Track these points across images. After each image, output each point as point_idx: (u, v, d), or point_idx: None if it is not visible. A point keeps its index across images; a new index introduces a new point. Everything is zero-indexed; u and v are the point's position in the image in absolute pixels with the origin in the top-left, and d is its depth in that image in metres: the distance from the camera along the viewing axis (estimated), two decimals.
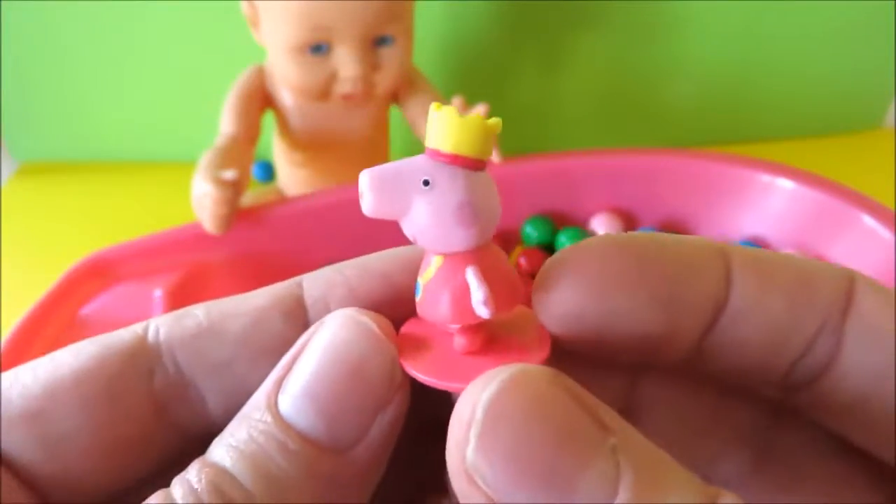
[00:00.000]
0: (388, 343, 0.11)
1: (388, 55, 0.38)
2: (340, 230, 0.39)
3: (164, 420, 0.12)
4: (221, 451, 0.10)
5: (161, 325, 0.12)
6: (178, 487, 0.10)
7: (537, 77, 0.54)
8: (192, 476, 0.10)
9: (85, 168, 0.58)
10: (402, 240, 0.37)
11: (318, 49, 0.37)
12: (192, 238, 0.36)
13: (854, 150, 0.54)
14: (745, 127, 0.56)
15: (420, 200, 0.11)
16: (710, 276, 0.10)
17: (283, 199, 0.40)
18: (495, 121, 0.10)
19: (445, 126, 0.10)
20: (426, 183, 0.11)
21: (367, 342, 0.11)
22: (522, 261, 0.38)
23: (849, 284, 0.11)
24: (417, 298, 0.11)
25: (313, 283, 0.12)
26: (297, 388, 0.10)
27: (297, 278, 0.13)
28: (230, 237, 0.35)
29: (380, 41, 0.38)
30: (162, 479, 0.11)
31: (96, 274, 0.35)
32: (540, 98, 0.55)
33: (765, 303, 0.10)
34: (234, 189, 0.34)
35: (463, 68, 0.53)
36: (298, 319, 0.12)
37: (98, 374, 0.11)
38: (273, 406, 0.10)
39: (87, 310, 0.33)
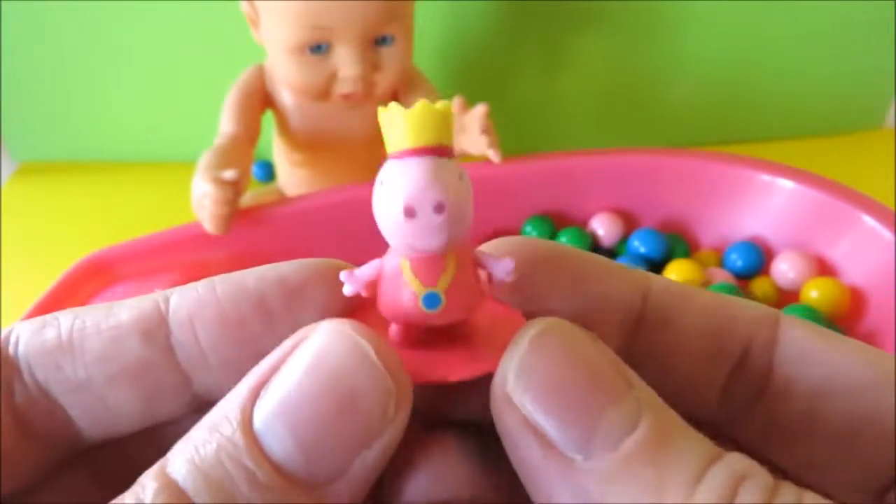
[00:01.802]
0: (385, 373, 0.09)
1: (388, 55, 0.38)
2: (340, 230, 0.39)
3: (29, 434, 0.11)
4: (184, 466, 0.09)
5: (21, 335, 0.11)
6: (131, 500, 0.09)
7: (537, 77, 0.54)
8: (148, 493, 0.09)
9: (84, 168, 0.58)
10: None
11: (318, 49, 0.37)
12: (192, 238, 0.36)
13: (854, 150, 0.54)
14: (746, 127, 0.56)
15: (375, 202, 0.10)
16: (626, 285, 0.11)
17: (283, 199, 0.40)
18: (445, 104, 0.10)
19: (388, 125, 0.10)
20: (381, 183, 0.10)
21: (363, 370, 0.09)
22: None
23: (773, 316, 0.12)
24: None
25: (181, 302, 0.11)
26: (275, 406, 0.09)
27: (167, 291, 0.11)
28: (230, 237, 0.35)
29: (380, 41, 0.38)
30: (38, 492, 0.11)
31: (96, 274, 0.35)
32: (540, 98, 0.55)
33: (680, 319, 0.11)
34: (234, 189, 0.34)
35: (463, 68, 0.53)
36: (159, 341, 0.11)
37: None
38: (247, 423, 0.09)
39: None
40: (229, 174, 0.33)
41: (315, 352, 0.10)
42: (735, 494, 0.08)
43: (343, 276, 0.11)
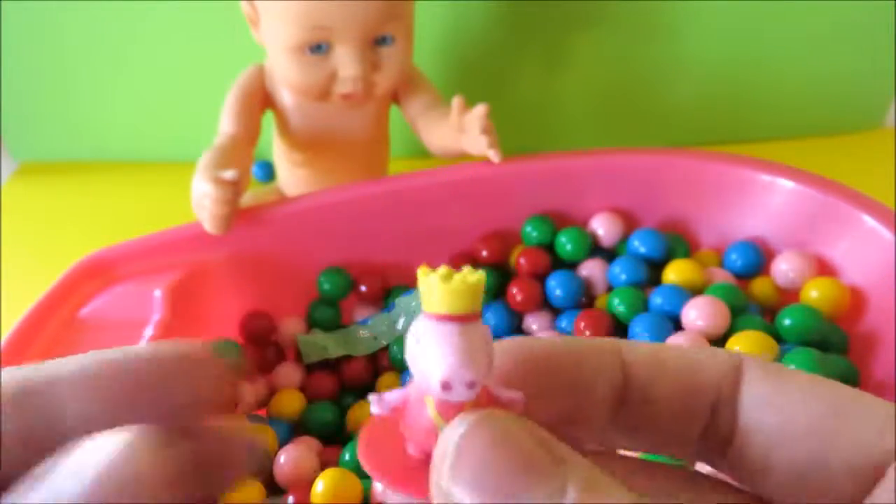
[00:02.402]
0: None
1: (388, 55, 0.38)
2: (340, 230, 0.39)
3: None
4: None
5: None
6: None
7: (537, 77, 0.54)
8: None
9: (84, 168, 0.58)
10: (400, 239, 0.37)
11: (318, 49, 0.37)
12: (192, 238, 0.36)
13: (854, 150, 0.54)
14: (746, 127, 0.56)
15: (410, 354, 0.12)
16: (605, 368, 0.13)
17: (283, 199, 0.40)
18: (478, 277, 0.12)
19: (426, 287, 0.12)
20: (417, 341, 0.12)
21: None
22: (522, 261, 0.38)
23: (737, 364, 0.12)
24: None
25: None
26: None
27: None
28: (230, 237, 0.35)
29: (380, 41, 0.38)
30: None
31: (96, 274, 0.35)
32: (540, 98, 0.55)
33: (656, 389, 0.12)
34: (234, 189, 0.34)
35: (463, 68, 0.53)
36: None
37: None
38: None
39: (87, 310, 0.33)
40: (229, 174, 0.33)
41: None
42: None
43: (372, 399, 0.12)
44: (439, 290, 0.11)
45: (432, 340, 0.11)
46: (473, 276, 0.11)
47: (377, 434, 0.13)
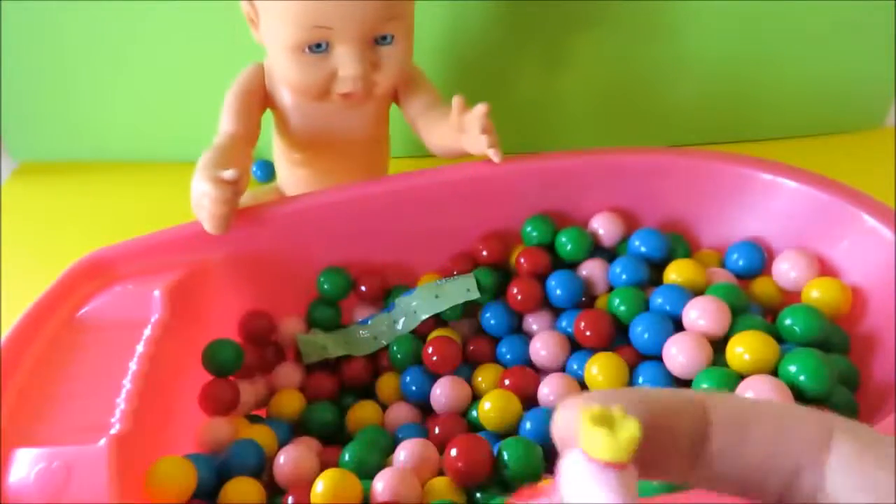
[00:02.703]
0: None
1: (388, 54, 0.38)
2: (340, 230, 0.39)
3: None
4: None
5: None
6: None
7: (537, 76, 0.54)
8: None
9: (84, 168, 0.58)
10: (400, 239, 0.37)
11: (318, 48, 0.37)
12: (192, 238, 0.36)
13: (855, 150, 0.54)
14: (746, 126, 0.56)
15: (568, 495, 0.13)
16: (690, 424, 0.13)
17: (282, 199, 0.40)
18: (633, 436, 0.12)
19: (589, 428, 0.12)
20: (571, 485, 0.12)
21: None
22: (522, 261, 0.38)
23: (828, 429, 0.12)
24: None
25: None
26: None
27: None
28: (230, 237, 0.35)
29: (380, 40, 0.38)
30: None
31: (95, 273, 0.35)
32: (540, 97, 0.55)
33: (742, 451, 0.13)
34: (234, 189, 0.34)
35: (463, 68, 0.53)
36: None
37: None
38: None
39: (86, 309, 0.33)
40: (229, 174, 0.33)
41: None
42: None
43: None
44: (605, 437, 0.12)
45: (593, 483, 0.12)
46: (632, 426, 0.12)
47: None
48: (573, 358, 0.35)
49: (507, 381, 0.35)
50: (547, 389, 0.34)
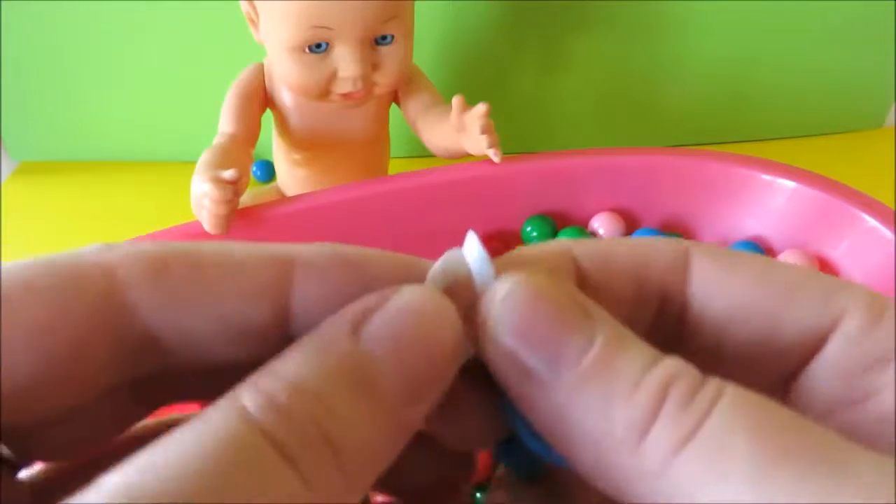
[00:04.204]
0: (456, 319, 0.12)
1: (389, 54, 0.38)
2: (340, 230, 0.39)
3: (121, 361, 0.11)
4: (306, 369, 0.10)
5: (134, 277, 0.11)
6: (252, 401, 0.10)
7: (537, 76, 0.54)
8: (277, 392, 0.10)
9: (84, 168, 0.58)
10: (400, 239, 0.37)
11: (318, 48, 0.37)
12: (192, 238, 0.36)
13: (855, 150, 0.54)
14: (746, 126, 0.56)
15: None
16: (564, 265, 0.13)
17: (283, 199, 0.40)
18: None
19: None
20: None
21: (446, 321, 0.11)
22: None
23: (684, 252, 0.13)
24: None
25: (306, 274, 0.12)
26: (378, 327, 0.11)
27: (288, 253, 0.12)
28: (230, 237, 0.35)
29: (380, 40, 0.38)
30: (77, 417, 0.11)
31: None
32: (540, 97, 0.55)
33: (606, 282, 0.13)
34: (234, 189, 0.34)
35: (463, 68, 0.53)
36: (280, 312, 0.12)
37: (53, 301, 0.11)
38: (358, 337, 0.11)
39: None
40: (229, 174, 0.33)
41: (412, 302, 0.11)
42: (665, 393, 0.10)
43: None
44: None
45: None
46: None
47: None
48: None
49: None
50: None
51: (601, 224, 0.39)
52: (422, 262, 0.14)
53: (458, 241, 0.15)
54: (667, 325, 0.13)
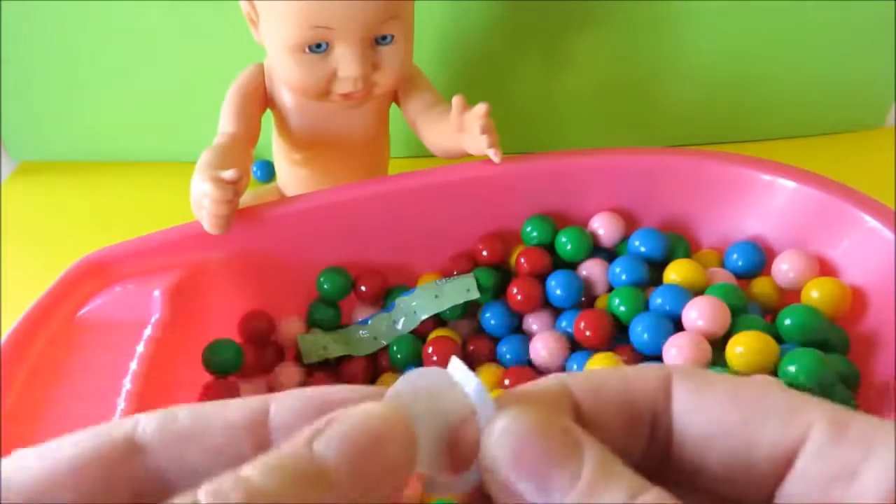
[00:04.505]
0: (405, 427, 0.13)
1: (389, 54, 0.38)
2: (340, 230, 0.39)
3: (138, 499, 0.13)
4: (254, 467, 0.12)
5: (148, 426, 0.13)
6: (203, 491, 0.11)
7: (537, 76, 0.54)
8: (224, 484, 0.11)
9: (83, 168, 0.58)
10: (400, 239, 0.36)
11: (318, 48, 0.37)
12: (192, 238, 0.36)
13: (855, 150, 0.54)
14: (746, 126, 0.56)
15: None
16: (561, 399, 0.14)
17: (283, 199, 0.40)
18: None
19: None
20: None
21: (389, 422, 0.13)
22: (522, 261, 0.38)
23: (666, 377, 0.14)
24: None
25: (279, 409, 0.14)
26: (330, 438, 0.12)
27: (268, 398, 0.14)
28: (229, 237, 0.35)
29: (380, 40, 0.38)
30: None
31: (95, 274, 0.35)
32: (540, 97, 0.55)
33: (598, 415, 0.14)
34: (234, 189, 0.34)
35: (463, 68, 0.53)
36: (262, 441, 0.13)
37: (94, 465, 0.13)
38: (309, 445, 0.12)
39: (86, 310, 0.33)
40: (229, 174, 0.33)
41: (363, 414, 0.13)
42: None
43: None
44: None
45: None
46: None
47: None
48: (573, 358, 0.35)
49: (507, 381, 0.35)
50: None
51: (601, 224, 0.39)
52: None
53: (459, 240, 0.16)
54: (658, 448, 0.14)
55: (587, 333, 0.35)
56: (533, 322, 0.38)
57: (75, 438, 0.13)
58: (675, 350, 0.32)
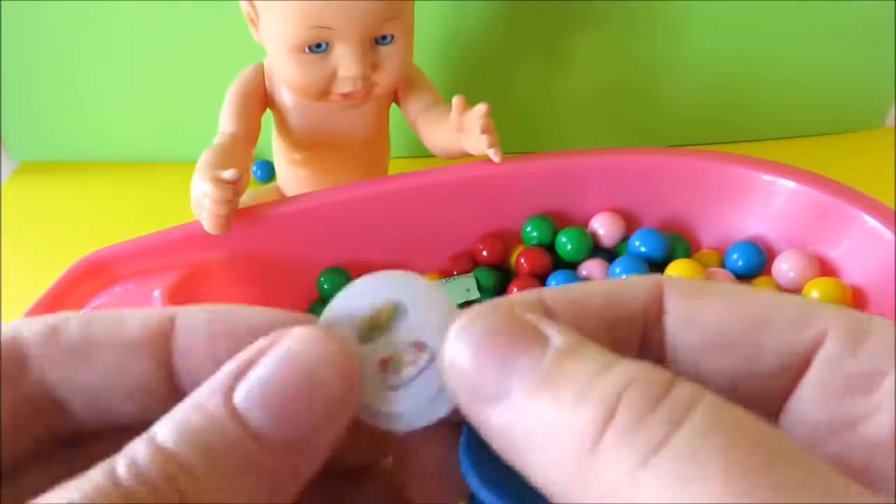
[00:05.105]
0: (344, 357, 0.12)
1: (389, 54, 0.38)
2: (340, 230, 0.39)
3: (31, 420, 0.12)
4: (173, 433, 0.11)
5: (33, 337, 0.12)
6: (122, 464, 0.10)
7: (537, 76, 0.54)
8: (140, 456, 0.10)
9: (83, 168, 0.58)
10: (400, 239, 0.37)
11: (318, 47, 0.37)
12: (192, 238, 0.36)
13: (855, 150, 0.54)
14: (746, 126, 0.56)
15: None
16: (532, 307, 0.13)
17: (283, 199, 0.40)
18: None
19: None
20: None
21: (329, 367, 0.12)
22: (522, 261, 0.38)
23: (658, 288, 0.13)
24: None
25: (183, 325, 0.13)
26: (252, 387, 0.11)
27: (171, 310, 0.13)
28: (229, 237, 0.35)
29: (380, 40, 0.38)
30: (25, 470, 0.12)
31: (95, 273, 0.35)
32: (540, 97, 0.55)
33: (583, 331, 0.13)
34: (234, 189, 0.34)
35: (463, 68, 0.53)
36: (162, 360, 0.12)
37: None
38: (229, 400, 0.11)
39: (86, 310, 0.33)
40: (229, 173, 0.33)
41: (290, 350, 0.12)
42: (617, 401, 0.10)
43: None
44: None
45: None
46: None
47: None
48: None
49: None
50: None
51: (601, 224, 0.39)
52: (308, 317, 0.14)
53: (459, 241, 0.15)
54: (648, 357, 0.13)
55: None
56: None
57: None
58: None
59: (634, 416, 0.10)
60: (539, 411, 0.11)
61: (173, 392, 0.12)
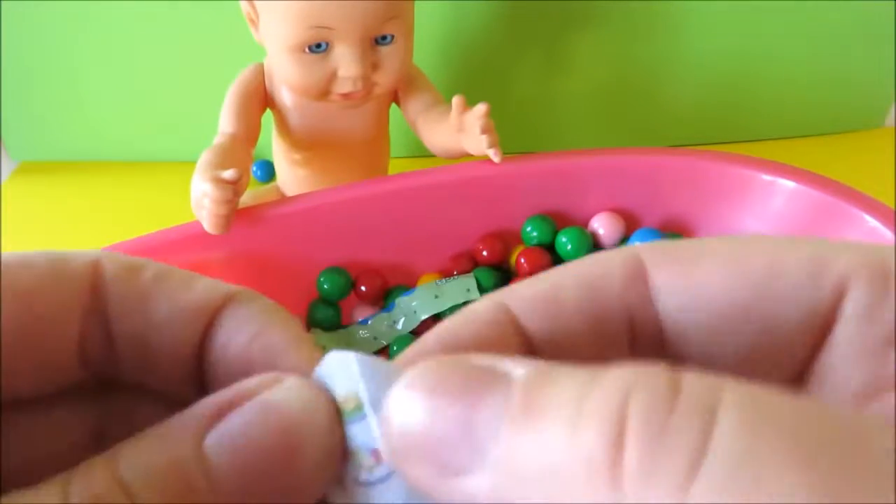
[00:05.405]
0: (332, 442, 0.11)
1: (389, 54, 0.38)
2: (340, 230, 0.39)
3: (88, 349, 0.12)
4: (135, 468, 0.10)
5: (113, 269, 0.12)
6: (78, 487, 0.10)
7: (537, 76, 0.54)
8: (97, 483, 0.10)
9: (83, 168, 0.58)
10: (400, 239, 0.37)
11: (318, 47, 0.37)
12: (192, 238, 0.36)
13: (855, 150, 0.54)
14: (746, 126, 0.56)
15: None
16: (496, 332, 0.12)
17: (283, 199, 0.40)
18: None
19: None
20: None
21: (313, 435, 0.10)
22: (522, 261, 0.38)
23: (635, 262, 0.11)
24: None
25: (234, 318, 0.12)
26: (227, 440, 0.10)
27: (229, 295, 0.13)
28: (229, 237, 0.35)
29: (380, 40, 0.38)
30: (53, 406, 0.12)
31: None
32: (540, 97, 0.55)
33: (558, 335, 0.11)
34: (234, 189, 0.34)
35: (463, 68, 0.53)
36: (207, 336, 0.12)
37: (47, 291, 0.11)
38: (199, 446, 0.10)
39: None
40: (229, 173, 0.33)
41: (275, 404, 0.10)
42: (623, 417, 0.08)
43: None
44: None
45: None
46: None
47: None
48: None
49: None
50: None
51: (601, 224, 0.39)
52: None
53: (459, 241, 0.14)
54: (648, 343, 0.11)
55: None
56: None
57: (29, 261, 0.12)
58: None
59: (653, 431, 0.08)
60: (529, 454, 0.09)
61: (198, 368, 0.12)
